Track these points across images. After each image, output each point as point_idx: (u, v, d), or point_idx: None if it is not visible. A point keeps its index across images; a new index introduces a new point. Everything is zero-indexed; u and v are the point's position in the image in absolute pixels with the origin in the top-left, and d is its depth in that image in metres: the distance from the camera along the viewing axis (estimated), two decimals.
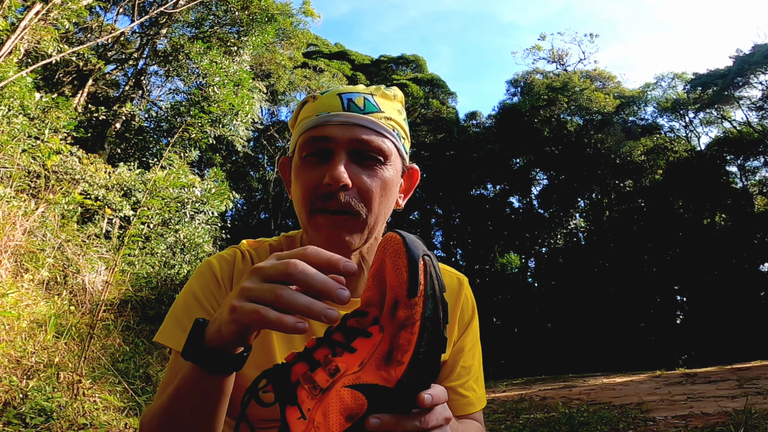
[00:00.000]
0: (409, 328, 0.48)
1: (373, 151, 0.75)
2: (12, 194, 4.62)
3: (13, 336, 3.24)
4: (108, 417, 3.07)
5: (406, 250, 0.49)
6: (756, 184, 19.92)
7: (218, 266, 0.82)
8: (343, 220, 0.73)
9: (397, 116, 0.80)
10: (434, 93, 24.69)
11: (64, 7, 7.23)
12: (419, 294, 0.48)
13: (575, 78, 23.55)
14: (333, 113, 0.75)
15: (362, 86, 0.81)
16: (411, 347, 0.48)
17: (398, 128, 0.80)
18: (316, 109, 0.77)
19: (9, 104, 5.64)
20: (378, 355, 0.50)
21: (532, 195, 23.89)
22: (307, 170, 0.76)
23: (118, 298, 5.00)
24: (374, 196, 0.75)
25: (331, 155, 0.74)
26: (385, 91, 0.81)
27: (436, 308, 0.48)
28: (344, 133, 0.74)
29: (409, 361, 0.48)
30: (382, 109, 0.78)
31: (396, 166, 0.79)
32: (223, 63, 10.12)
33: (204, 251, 8.07)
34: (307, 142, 0.76)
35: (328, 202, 0.73)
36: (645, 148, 21.52)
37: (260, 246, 0.88)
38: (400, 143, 0.80)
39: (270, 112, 20.76)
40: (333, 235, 0.73)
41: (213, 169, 9.60)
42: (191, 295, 0.80)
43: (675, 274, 19.12)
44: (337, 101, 0.76)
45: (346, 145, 0.74)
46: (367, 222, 0.75)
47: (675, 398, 5.11)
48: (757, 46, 18.87)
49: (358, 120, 0.75)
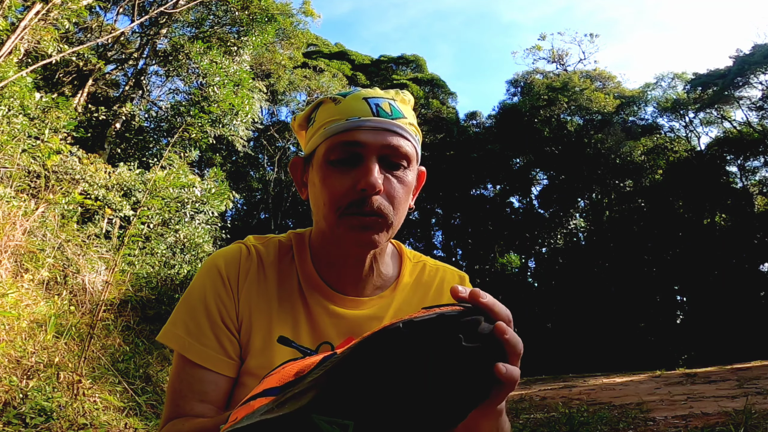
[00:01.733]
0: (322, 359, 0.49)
1: (400, 156, 0.77)
2: (12, 194, 4.62)
3: (13, 336, 3.24)
4: (108, 417, 3.07)
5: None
6: (756, 184, 19.91)
7: (224, 266, 0.82)
8: (373, 222, 0.75)
9: (414, 120, 0.83)
10: (434, 93, 24.69)
11: (64, 7, 7.22)
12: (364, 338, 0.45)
13: (575, 78, 23.54)
14: (364, 118, 0.76)
15: (379, 90, 0.82)
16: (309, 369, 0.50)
17: (417, 132, 0.83)
18: (342, 113, 0.77)
19: (9, 104, 5.63)
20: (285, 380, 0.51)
21: (532, 195, 23.90)
22: (336, 175, 0.76)
23: (118, 298, 5.00)
24: (401, 200, 0.78)
25: (361, 160, 0.75)
26: (403, 96, 0.83)
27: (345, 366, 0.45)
28: (376, 138, 0.75)
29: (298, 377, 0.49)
30: (404, 115, 0.80)
31: (415, 169, 0.83)
32: (223, 63, 10.12)
33: (204, 251, 8.07)
34: (336, 146, 0.76)
35: (361, 207, 0.74)
36: (645, 148, 21.52)
37: (268, 242, 0.88)
38: (419, 146, 0.83)
39: (270, 112, 20.76)
40: (363, 236, 0.75)
41: (213, 169, 9.60)
42: (196, 296, 0.80)
43: (675, 274, 19.11)
44: (365, 106, 0.77)
45: (377, 151, 0.75)
46: (393, 223, 0.78)
47: (675, 398, 5.11)
48: (757, 46, 18.87)
49: (389, 125, 0.76)
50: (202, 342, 0.77)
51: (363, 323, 0.82)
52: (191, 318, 0.79)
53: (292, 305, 0.82)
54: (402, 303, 0.86)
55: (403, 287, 0.88)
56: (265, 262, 0.84)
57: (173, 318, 0.80)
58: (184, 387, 0.76)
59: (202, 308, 0.79)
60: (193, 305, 0.80)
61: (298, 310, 0.82)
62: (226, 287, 0.81)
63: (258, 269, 0.83)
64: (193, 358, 0.76)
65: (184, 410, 0.75)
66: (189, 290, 0.82)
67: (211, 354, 0.77)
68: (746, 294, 16.97)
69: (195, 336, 0.78)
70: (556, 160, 22.53)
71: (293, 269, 0.85)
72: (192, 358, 0.77)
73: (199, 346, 0.77)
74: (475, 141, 23.26)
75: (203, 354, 0.77)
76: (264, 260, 0.85)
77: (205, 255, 8.01)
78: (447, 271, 0.93)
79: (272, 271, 0.84)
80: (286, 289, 0.83)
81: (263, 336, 0.79)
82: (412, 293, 0.88)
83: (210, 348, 0.77)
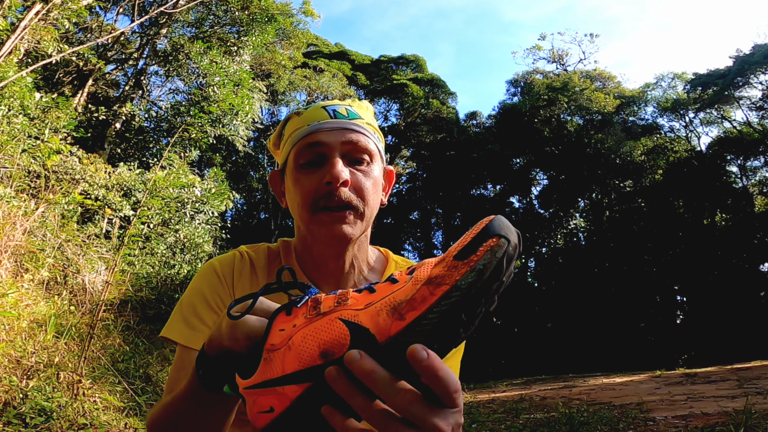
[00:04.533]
0: (432, 287, 0.42)
1: (362, 151, 0.83)
2: (12, 194, 4.62)
3: (13, 336, 3.24)
4: (108, 417, 3.07)
5: (488, 223, 0.44)
6: (756, 184, 19.90)
7: (219, 267, 0.89)
8: (344, 215, 0.80)
9: (373, 122, 0.89)
10: (434, 93, 24.67)
11: (64, 7, 7.23)
12: (467, 260, 0.42)
13: (575, 78, 23.54)
14: (323, 122, 0.83)
15: (337, 100, 0.90)
16: (424, 306, 0.41)
17: (376, 132, 0.89)
18: (304, 121, 0.85)
19: (9, 104, 5.64)
20: (388, 301, 0.44)
21: (532, 195, 23.89)
22: (305, 176, 0.82)
23: (118, 298, 5.00)
24: (368, 191, 0.83)
25: (325, 159, 0.81)
26: (359, 103, 0.91)
27: (475, 287, 0.41)
28: (336, 137, 0.82)
29: (411, 321, 0.41)
30: (361, 116, 0.86)
31: (379, 165, 0.88)
32: (223, 63, 10.12)
33: (204, 251, 8.07)
34: (302, 150, 0.83)
35: (330, 200, 0.79)
36: (645, 148, 21.52)
37: (258, 248, 0.95)
38: (380, 145, 0.89)
39: (270, 112, 20.76)
40: (336, 230, 0.80)
41: (213, 169, 9.61)
42: (197, 294, 0.86)
43: (675, 274, 19.11)
44: (323, 112, 0.85)
45: (339, 148, 0.81)
46: (365, 214, 0.83)
47: (675, 398, 5.11)
48: (757, 46, 18.87)
49: (346, 124, 0.83)
50: (201, 330, 0.81)
51: None
52: (190, 311, 0.83)
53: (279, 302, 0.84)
54: None
55: None
56: (256, 265, 0.90)
57: (173, 315, 0.85)
58: (180, 375, 0.78)
59: (200, 300, 0.84)
60: (191, 300, 0.85)
61: None
62: (222, 283, 0.87)
63: (251, 272, 0.89)
64: (192, 344, 0.80)
65: None
66: (190, 289, 0.88)
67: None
68: (746, 294, 16.97)
69: (194, 326, 0.82)
70: (556, 160, 22.53)
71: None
72: (191, 345, 0.80)
73: (198, 333, 0.81)
74: (475, 141, 23.25)
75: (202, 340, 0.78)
76: (255, 264, 0.91)
77: (205, 255, 8.01)
78: None
79: (263, 274, 0.90)
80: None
81: None
82: None
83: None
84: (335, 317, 0.45)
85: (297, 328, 0.46)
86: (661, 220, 19.56)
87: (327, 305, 0.46)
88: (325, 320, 0.45)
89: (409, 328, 0.41)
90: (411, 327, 0.41)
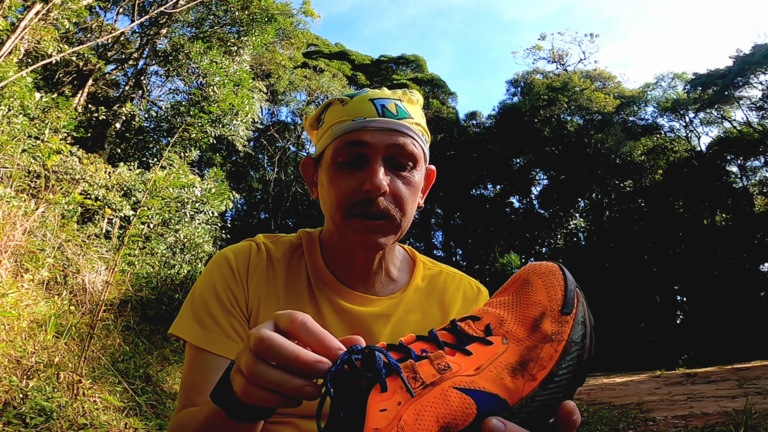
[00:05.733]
0: (554, 344, 0.44)
1: (406, 156, 0.77)
2: (12, 194, 4.62)
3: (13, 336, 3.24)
4: (108, 417, 3.07)
5: (563, 274, 0.48)
6: (756, 184, 19.90)
7: (234, 259, 0.83)
8: (379, 225, 0.75)
9: (422, 120, 0.82)
10: (434, 93, 24.68)
11: (64, 7, 7.22)
12: (572, 314, 0.46)
13: (575, 78, 23.55)
14: (369, 119, 0.76)
15: (387, 90, 0.82)
16: (551, 364, 0.43)
17: (425, 132, 0.82)
18: (349, 114, 0.77)
19: (9, 104, 5.63)
20: (502, 364, 0.43)
21: (532, 195, 23.90)
22: (343, 176, 0.76)
23: (118, 298, 5.00)
24: (408, 201, 0.77)
25: (367, 161, 0.75)
26: (410, 96, 0.83)
27: (585, 338, 0.45)
28: (381, 138, 0.75)
29: (544, 379, 0.42)
30: (411, 115, 0.79)
31: (422, 169, 0.82)
32: (223, 63, 10.12)
33: (204, 251, 8.07)
34: (343, 146, 0.76)
35: (366, 208, 0.74)
36: (645, 148, 21.52)
37: (278, 240, 0.89)
38: (426, 146, 0.82)
39: (270, 112, 20.76)
40: (369, 238, 0.76)
41: (213, 169, 9.61)
42: (209, 289, 0.80)
43: (675, 274, 19.11)
44: (371, 107, 0.77)
45: (383, 151, 0.75)
46: (401, 225, 0.78)
47: (675, 398, 5.11)
48: (757, 46, 18.87)
49: (394, 125, 0.76)
50: (214, 330, 0.76)
51: (369, 321, 0.81)
52: (202, 307, 0.78)
53: (299, 300, 0.82)
54: (413, 305, 0.86)
55: (414, 290, 0.88)
56: (274, 258, 0.85)
57: (184, 310, 0.80)
58: (197, 378, 0.74)
59: (212, 297, 0.79)
60: (203, 296, 0.79)
61: (305, 305, 0.82)
62: (236, 277, 0.81)
63: (267, 265, 0.84)
64: (206, 346, 0.75)
65: (197, 402, 0.72)
66: (200, 284, 0.81)
67: (224, 340, 0.76)
68: (746, 294, 16.97)
69: (207, 325, 0.77)
70: (556, 160, 22.53)
71: (302, 265, 0.85)
72: (205, 347, 0.75)
73: (211, 334, 0.76)
74: (475, 141, 23.26)
75: (216, 341, 0.76)
76: (273, 256, 0.85)
77: (205, 255, 8.01)
78: (464, 280, 0.94)
79: (281, 267, 0.84)
80: (295, 284, 0.83)
81: None
82: (424, 297, 0.88)
83: (223, 335, 0.76)
84: (447, 387, 0.41)
85: (403, 405, 0.40)
86: (661, 220, 19.56)
87: (429, 374, 0.41)
88: (437, 391, 0.40)
89: (543, 384, 0.42)
90: (544, 383, 0.42)
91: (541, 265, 0.51)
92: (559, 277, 0.48)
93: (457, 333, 0.46)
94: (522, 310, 0.48)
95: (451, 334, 0.46)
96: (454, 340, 0.45)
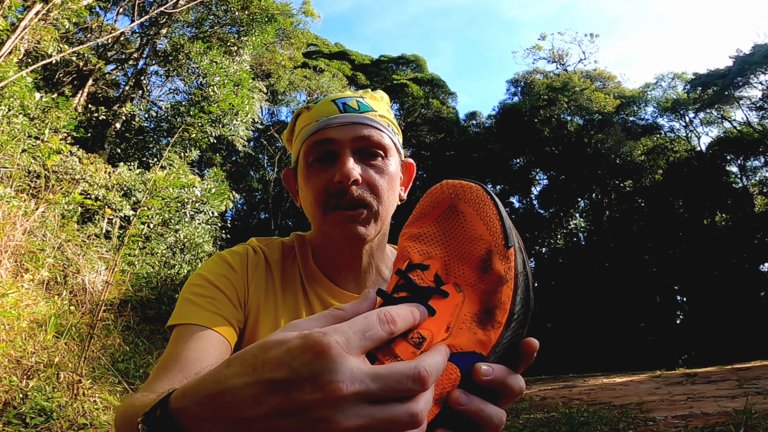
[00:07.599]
0: (509, 283, 0.42)
1: (374, 146, 0.79)
2: (12, 194, 4.62)
3: (13, 336, 3.24)
4: (108, 417, 3.07)
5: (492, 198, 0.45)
6: (756, 184, 19.91)
7: (230, 257, 0.82)
8: (357, 214, 0.76)
9: (387, 114, 0.84)
10: (434, 93, 24.69)
11: (64, 7, 7.23)
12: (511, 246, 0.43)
13: (575, 78, 23.55)
14: (332, 116, 0.79)
15: (350, 92, 0.85)
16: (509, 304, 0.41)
17: (391, 124, 0.84)
18: (313, 117, 0.80)
19: (9, 104, 5.64)
20: (467, 315, 0.41)
21: (532, 195, 23.90)
22: (316, 174, 0.78)
23: (118, 298, 5.00)
24: (383, 188, 0.78)
25: (336, 156, 0.77)
26: (372, 94, 0.86)
27: (525, 263, 0.44)
28: (346, 133, 0.77)
29: (505, 322, 0.41)
30: (374, 108, 0.82)
31: (396, 160, 0.83)
32: (223, 63, 10.13)
33: (204, 251, 8.07)
34: (311, 147, 0.79)
35: (341, 199, 0.76)
36: (645, 148, 21.53)
37: (271, 243, 0.89)
38: (396, 138, 0.84)
39: (270, 112, 20.77)
40: (349, 229, 0.77)
41: (213, 169, 9.62)
42: (201, 278, 0.77)
43: (675, 274, 19.11)
44: (332, 106, 0.80)
45: (350, 144, 0.77)
46: (380, 213, 0.79)
47: (675, 398, 5.11)
48: (757, 46, 18.87)
49: (356, 119, 0.79)
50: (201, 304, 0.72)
51: None
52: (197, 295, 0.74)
53: (294, 299, 0.83)
54: None
55: None
56: (270, 260, 0.85)
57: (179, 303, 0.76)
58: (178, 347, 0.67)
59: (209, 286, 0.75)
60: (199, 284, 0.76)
61: (300, 303, 0.83)
62: (235, 272, 0.79)
63: (266, 267, 0.84)
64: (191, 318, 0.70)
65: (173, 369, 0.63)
66: (193, 277, 0.78)
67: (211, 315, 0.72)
68: (746, 294, 16.97)
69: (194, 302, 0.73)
70: (556, 160, 22.53)
71: (296, 267, 0.86)
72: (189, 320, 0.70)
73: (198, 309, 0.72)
74: (475, 141, 23.26)
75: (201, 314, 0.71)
76: (269, 258, 0.85)
77: (205, 255, 8.01)
78: None
79: (277, 269, 0.85)
80: (290, 284, 0.84)
81: (269, 331, 0.78)
82: None
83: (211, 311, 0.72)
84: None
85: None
86: (661, 220, 19.56)
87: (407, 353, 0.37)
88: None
89: (506, 326, 0.41)
90: (507, 326, 0.41)
91: (464, 188, 0.46)
92: (491, 204, 0.44)
93: (413, 289, 0.42)
94: (460, 246, 0.44)
95: (407, 291, 0.42)
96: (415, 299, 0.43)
